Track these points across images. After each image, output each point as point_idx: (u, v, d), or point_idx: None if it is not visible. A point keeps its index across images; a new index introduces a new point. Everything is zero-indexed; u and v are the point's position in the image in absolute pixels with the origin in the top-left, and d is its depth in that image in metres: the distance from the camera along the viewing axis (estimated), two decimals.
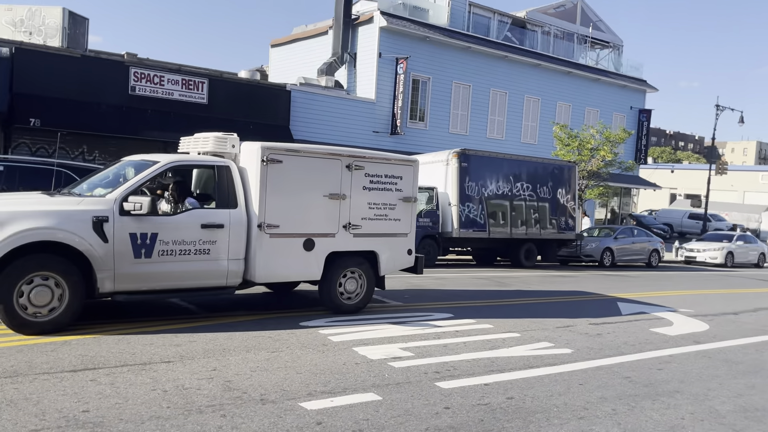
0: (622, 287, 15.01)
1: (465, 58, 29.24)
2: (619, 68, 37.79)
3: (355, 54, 27.53)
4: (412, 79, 27.54)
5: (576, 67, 33.82)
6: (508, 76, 31.00)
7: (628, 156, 36.88)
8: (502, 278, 15.45)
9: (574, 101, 34.10)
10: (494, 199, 18.70)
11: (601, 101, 35.54)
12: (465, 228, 17.96)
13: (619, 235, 23.18)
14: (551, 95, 32.96)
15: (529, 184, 19.57)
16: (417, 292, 11.78)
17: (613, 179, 34.78)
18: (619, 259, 22.93)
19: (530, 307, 10.90)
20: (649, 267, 23.81)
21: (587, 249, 22.24)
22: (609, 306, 11.54)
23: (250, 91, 22.85)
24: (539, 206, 19.83)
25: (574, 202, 20.87)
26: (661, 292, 14.47)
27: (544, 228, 19.95)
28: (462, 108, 29.54)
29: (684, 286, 16.46)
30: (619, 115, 36.65)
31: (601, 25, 37.40)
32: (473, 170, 18.21)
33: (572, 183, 20.86)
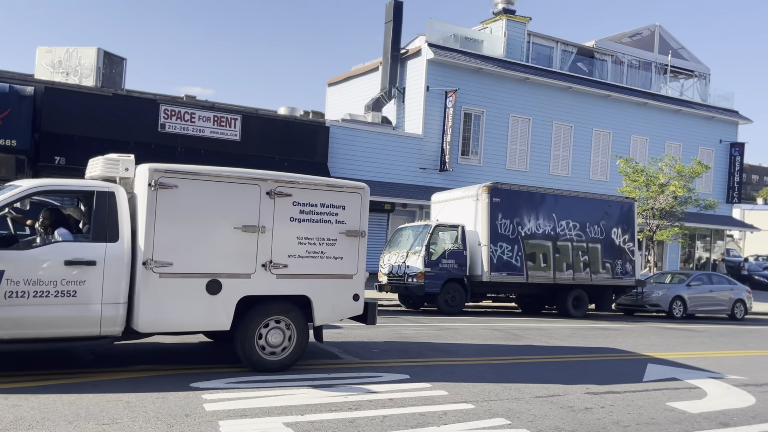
0: (672, 344, 12.50)
1: (523, 90, 27.42)
2: (706, 99, 34.43)
3: (403, 89, 26.46)
4: (463, 112, 26.03)
5: (652, 98, 31.01)
6: (573, 109, 28.77)
7: (718, 194, 33.27)
8: (524, 329, 13.34)
9: (651, 135, 31.17)
10: (533, 239, 16.63)
11: (684, 134, 32.32)
12: (497, 271, 15.99)
13: (693, 282, 20.16)
14: (624, 128, 30.28)
15: (576, 222, 17.34)
16: (396, 345, 10.07)
17: (696, 219, 31.35)
18: (693, 309, 19.89)
19: (522, 367, 8.90)
20: (732, 320, 20.51)
21: (653, 297, 19.42)
22: (632, 368, 9.29)
23: (286, 127, 22.20)
24: (589, 248, 17.50)
25: (633, 243, 18.32)
26: (722, 353, 11.85)
27: (595, 272, 17.54)
28: (521, 143, 27.58)
29: (759, 345, 13.59)
30: (707, 150, 33.17)
31: (684, 53, 34.38)
32: (507, 206, 16.31)
33: (630, 222, 18.38)
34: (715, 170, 33.48)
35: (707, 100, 34.39)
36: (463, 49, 26.37)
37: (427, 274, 15.31)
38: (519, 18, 28.00)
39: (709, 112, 32.85)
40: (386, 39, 26.31)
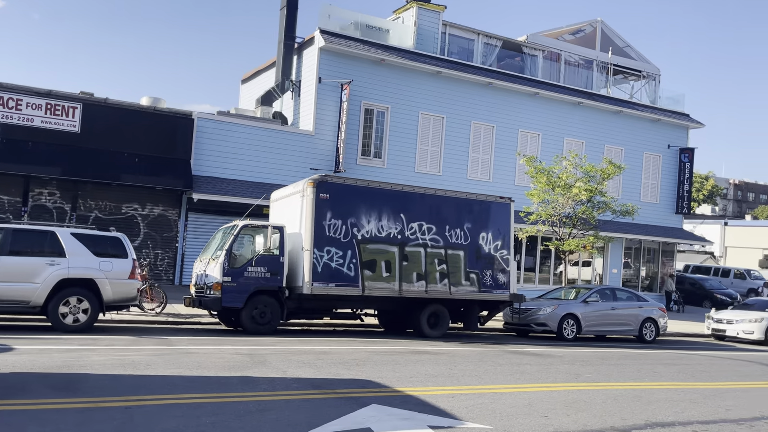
0: (479, 375, 9.79)
1: (435, 85, 24.91)
2: (656, 101, 31.84)
3: (299, 82, 24.00)
4: (363, 108, 23.51)
5: (588, 97, 28.44)
6: (495, 107, 26.22)
7: (666, 204, 30.60)
8: (289, 354, 10.67)
9: (588, 138, 28.55)
10: (374, 244, 13.99)
11: (627, 138, 29.69)
12: (323, 281, 13.33)
13: (591, 298, 17.42)
14: (556, 130, 27.67)
15: (432, 225, 14.70)
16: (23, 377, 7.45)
17: (642, 231, 28.64)
18: (589, 330, 17.14)
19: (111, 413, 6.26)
20: (640, 342, 17.76)
21: (540, 316, 16.69)
22: (327, 412, 6.61)
23: (141, 119, 19.74)
24: (449, 255, 14.83)
25: (508, 251, 15.63)
26: (527, 386, 9.11)
27: (456, 284, 14.85)
28: (433, 144, 25.01)
29: (604, 376, 10.85)
30: (653, 155, 30.53)
31: (630, 51, 31.86)
32: (340, 204, 13.69)
33: (505, 226, 15.70)
34: (663, 178, 30.81)
35: (657, 102, 31.81)
36: (364, 38, 23.91)
37: (226, 284, 12.67)
38: (432, 6, 25.55)
39: (655, 115, 30.24)
40: (280, 26, 23.94)
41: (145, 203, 19.75)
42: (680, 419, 7.73)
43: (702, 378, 11.37)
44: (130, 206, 19.56)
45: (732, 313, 20.91)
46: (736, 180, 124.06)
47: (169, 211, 20.10)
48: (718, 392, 9.93)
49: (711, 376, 11.64)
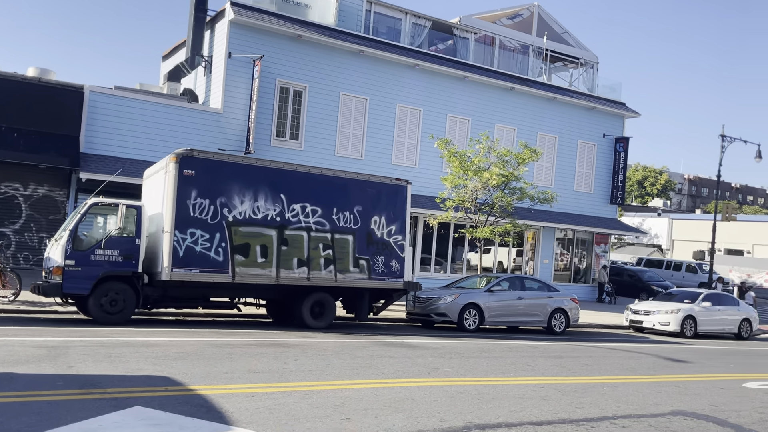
0: (323, 372, 8.78)
1: (358, 65, 23.79)
2: (594, 89, 31.27)
3: (211, 57, 22.62)
4: (278, 86, 22.27)
5: (521, 83, 27.66)
6: (422, 90, 25.23)
7: (600, 194, 30.10)
8: (106, 347, 9.51)
9: (520, 124, 27.80)
10: (247, 226, 12.84)
11: (561, 126, 29.05)
12: (185, 266, 12.15)
13: (497, 287, 16.59)
14: (486, 115, 26.82)
15: (317, 207, 13.61)
16: None
17: (575, 221, 28.06)
18: (493, 320, 16.32)
19: None
20: (549, 333, 17.01)
21: (440, 305, 15.79)
22: None
23: (22, 91, 18.17)
24: (336, 240, 13.78)
25: (403, 237, 14.65)
26: (392, 381, 8.14)
27: (343, 271, 13.82)
28: (355, 126, 23.91)
29: (490, 370, 9.95)
30: (588, 144, 29.97)
31: (568, 38, 31.20)
32: (207, 182, 12.50)
33: (401, 210, 14.72)
34: (598, 168, 30.30)
35: (595, 90, 31.24)
36: (281, 12, 22.62)
37: (69, 269, 11.39)
38: None
39: (590, 102, 29.65)
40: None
41: (28, 182, 18.24)
42: (512, 419, 6.81)
43: (579, 372, 10.56)
44: (10, 185, 18.02)
45: (649, 305, 20.38)
46: (691, 175, 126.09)
47: (55, 192, 18.62)
48: (583, 388, 9.09)
49: (590, 370, 10.84)
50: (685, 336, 19.35)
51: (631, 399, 8.66)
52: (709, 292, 21.24)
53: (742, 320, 20.81)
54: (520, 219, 21.50)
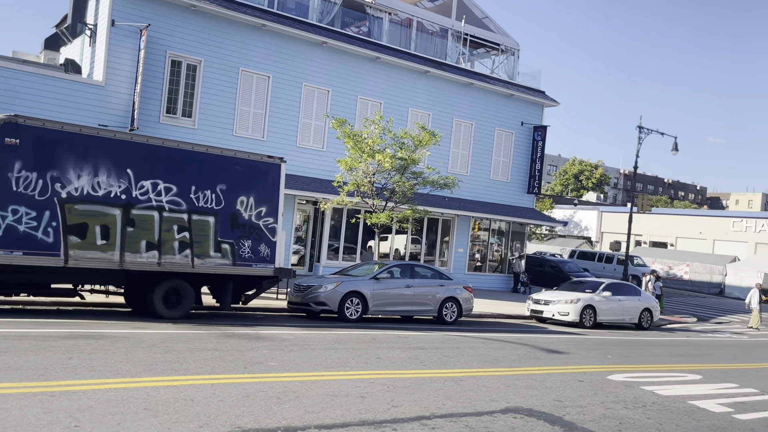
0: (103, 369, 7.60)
1: (259, 41, 22.45)
2: (514, 77, 30.78)
3: (95, 26, 20.86)
4: (170, 59, 20.74)
5: (437, 66, 26.85)
6: (330, 69, 24.10)
7: (518, 183, 29.68)
8: None
9: (435, 110, 27.02)
10: (85, 204, 11.46)
11: (477, 112, 28.42)
12: (4, 248, 10.69)
13: (383, 275, 15.68)
14: (399, 99, 25.92)
15: (172, 184, 12.33)
16: None
17: (491, 210, 27.51)
18: (378, 309, 15.42)
19: None
20: (440, 323, 16.23)
21: (321, 294, 14.77)
22: None
23: None
24: (194, 221, 12.54)
25: (275, 219, 13.52)
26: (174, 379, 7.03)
27: (202, 256, 12.60)
28: (256, 105, 22.58)
29: (323, 364, 8.96)
30: (506, 132, 29.48)
31: (489, 23, 30.61)
32: (36, 153, 11.06)
33: (273, 191, 13.58)
34: (516, 156, 29.87)
35: (515, 78, 30.76)
36: None
37: None
38: None
39: (508, 90, 29.13)
40: None
41: None
42: (299, 422, 5.83)
43: (431, 365, 9.70)
44: None
45: (550, 294, 19.92)
46: (627, 170, 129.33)
47: None
48: (421, 383, 8.22)
49: (445, 363, 10.01)
50: (584, 326, 18.95)
51: (469, 395, 7.83)
52: (611, 281, 20.95)
53: (643, 310, 20.61)
54: (433, 206, 20.66)
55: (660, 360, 13.24)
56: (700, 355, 14.88)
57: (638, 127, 30.50)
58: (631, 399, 8.71)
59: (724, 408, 8.84)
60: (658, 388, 9.69)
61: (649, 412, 8.06)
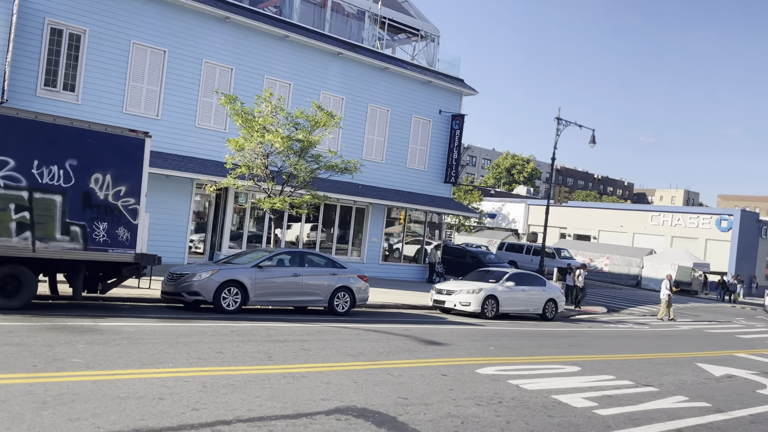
0: None
1: (155, 13, 20.90)
2: (434, 64, 30.16)
3: None
4: (49, 27, 18.96)
5: (350, 48, 25.87)
6: (233, 46, 22.78)
7: (435, 172, 29.12)
8: None
9: (348, 93, 26.08)
10: None
11: (393, 99, 27.65)
12: None
13: (267, 263, 14.63)
14: (310, 81, 24.84)
15: (7, 158, 10.90)
16: None
17: (407, 199, 26.80)
18: (260, 299, 14.37)
19: None
20: (331, 314, 15.33)
21: (193, 282, 13.60)
22: None
23: None
24: (36, 199, 11.14)
25: (137, 200, 12.26)
26: None
27: (46, 239, 11.23)
28: (150, 81, 21.03)
29: (133, 361, 7.88)
30: (423, 120, 28.83)
31: (409, 8, 29.86)
32: None
33: (135, 168, 12.30)
34: (433, 145, 29.29)
35: (435, 65, 30.14)
36: None
37: None
38: None
39: (425, 76, 28.46)
40: None
41: None
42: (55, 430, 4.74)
43: (280, 361, 8.77)
44: None
45: (454, 284, 19.37)
46: (558, 165, 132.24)
47: None
48: (248, 380, 7.27)
49: (298, 357, 9.10)
50: (485, 317, 18.47)
51: (300, 394, 6.94)
52: (515, 271, 20.59)
53: (548, 300, 20.33)
54: (345, 194, 19.66)
55: (546, 351, 12.76)
56: (591, 345, 14.56)
57: (557, 119, 30.49)
58: (489, 395, 8.04)
59: (589, 402, 8.29)
60: (525, 381, 9.09)
61: (503, 409, 7.39)
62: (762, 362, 14.64)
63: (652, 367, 12.00)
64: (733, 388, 10.87)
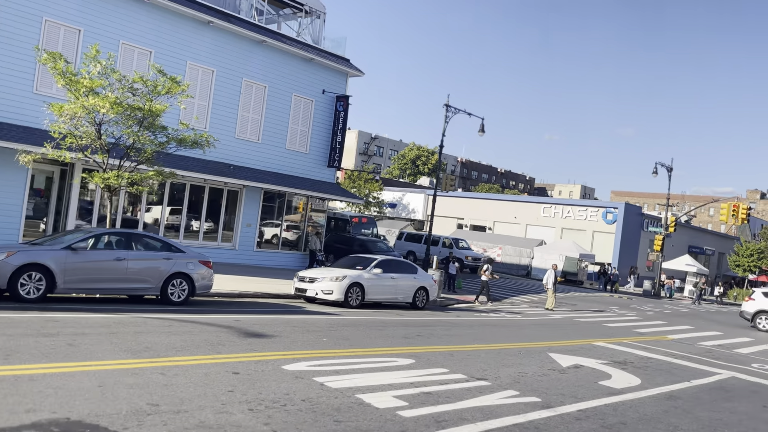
0: None
1: None
2: (320, 42, 28.66)
3: None
4: None
5: (222, 17, 23.91)
6: (83, 8, 20.30)
7: (318, 155, 27.70)
8: None
9: (220, 66, 24.14)
10: None
11: (272, 75, 25.94)
12: None
13: (81, 244, 12.70)
14: (176, 50, 22.70)
15: None
16: None
17: (281, 182, 25.21)
18: (70, 287, 12.43)
19: None
20: (166, 304, 13.59)
21: None
22: None
23: None
24: None
25: None
26: None
27: None
28: None
29: None
30: (305, 99, 27.31)
31: None
32: None
33: None
34: (316, 126, 27.83)
35: (321, 44, 28.64)
36: None
37: None
38: None
39: (307, 53, 26.89)
40: None
41: None
42: None
43: (17, 360, 7.09)
44: None
45: (318, 272, 18.09)
46: (464, 158, 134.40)
47: None
48: None
49: (52, 355, 7.46)
50: (350, 306, 17.30)
51: (5, 403, 5.34)
52: (384, 258, 19.55)
53: (418, 289, 19.46)
54: (215, 175, 17.69)
55: (389, 343, 11.69)
56: (445, 336, 13.67)
57: (445, 105, 29.88)
58: (278, 396, 6.76)
59: (397, 402, 7.19)
60: (335, 378, 7.90)
61: (281, 414, 6.12)
62: (618, 350, 14.33)
63: (497, 359, 11.20)
64: (575, 380, 10.22)
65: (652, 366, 12.67)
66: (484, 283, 24.16)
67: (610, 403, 8.78)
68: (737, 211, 37.71)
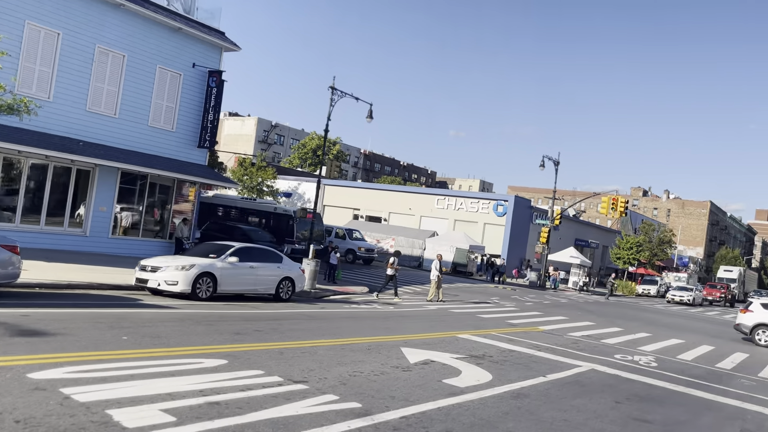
0: None
1: None
2: (192, 12, 26.24)
3: None
4: None
5: None
6: None
7: (186, 134, 25.36)
8: None
9: (67, 29, 21.31)
10: None
11: (132, 44, 23.31)
12: None
13: None
14: (15, 11, 19.72)
15: None
16: None
17: (138, 161, 22.72)
18: None
19: None
20: None
21: None
22: None
23: None
24: None
25: None
26: None
27: None
28: None
29: None
30: (173, 73, 24.85)
31: None
32: None
33: None
34: (185, 103, 25.43)
35: (193, 14, 26.23)
36: None
37: None
38: None
39: (175, 22, 24.44)
40: None
41: None
42: None
43: None
44: None
45: (162, 259, 16.04)
46: (367, 150, 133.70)
47: None
48: None
49: None
50: (199, 298, 15.39)
51: None
52: (243, 246, 17.75)
53: (283, 279, 17.83)
54: (58, 152, 15.03)
55: (212, 340, 10.05)
56: (291, 330, 12.21)
57: (330, 88, 28.30)
58: None
59: (162, 418, 5.62)
60: (91, 388, 6.20)
61: None
62: (481, 343, 13.44)
63: (336, 356, 9.85)
64: (418, 378, 9.05)
65: (511, 360, 11.82)
66: (390, 277, 22.97)
67: (445, 405, 7.64)
68: (616, 204, 38.84)
